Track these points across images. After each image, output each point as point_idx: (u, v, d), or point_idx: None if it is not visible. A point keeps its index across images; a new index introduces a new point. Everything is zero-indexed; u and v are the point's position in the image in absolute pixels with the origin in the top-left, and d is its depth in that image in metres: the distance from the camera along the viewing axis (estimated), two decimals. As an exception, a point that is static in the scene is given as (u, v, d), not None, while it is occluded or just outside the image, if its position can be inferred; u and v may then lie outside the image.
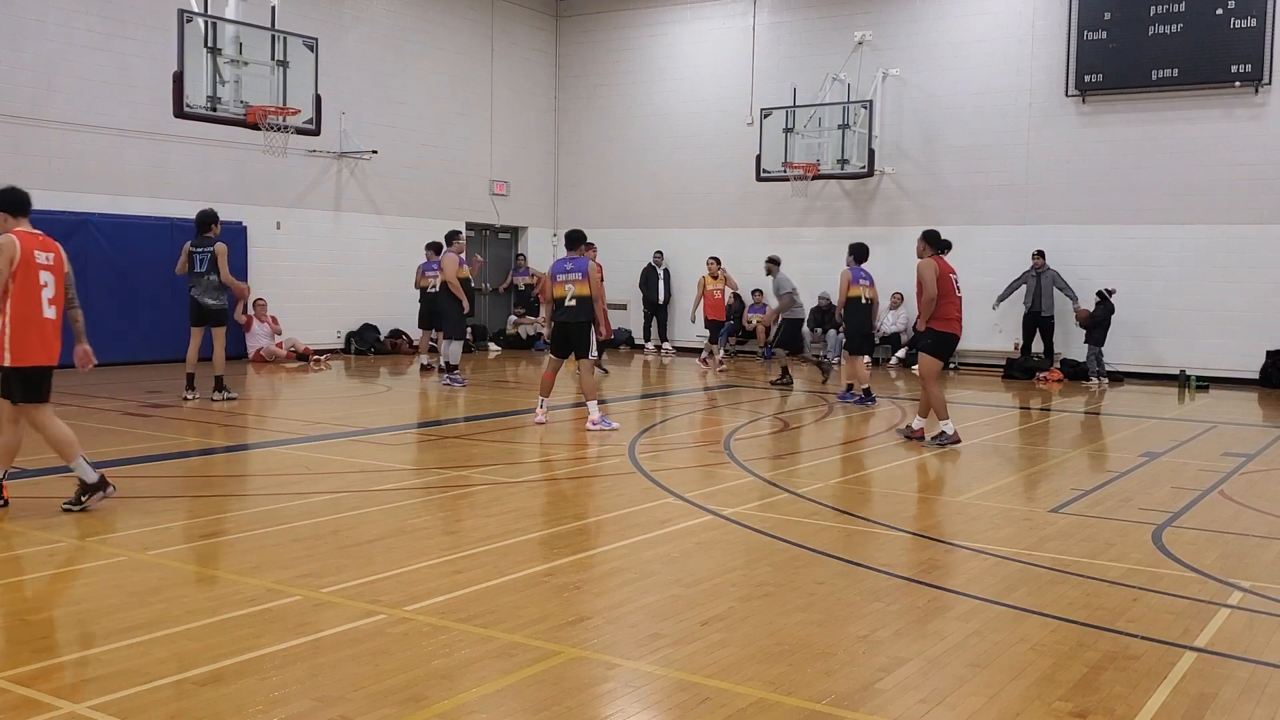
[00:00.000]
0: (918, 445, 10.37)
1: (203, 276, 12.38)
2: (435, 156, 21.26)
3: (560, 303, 11.07)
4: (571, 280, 11.01)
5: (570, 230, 11.54)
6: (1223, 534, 6.96)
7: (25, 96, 15.38)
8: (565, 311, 11.05)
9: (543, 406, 11.25)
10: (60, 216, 15.22)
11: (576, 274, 11.02)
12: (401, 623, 4.83)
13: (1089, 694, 4.17)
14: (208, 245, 12.42)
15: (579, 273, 11.02)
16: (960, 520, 7.24)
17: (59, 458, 7.02)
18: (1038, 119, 18.85)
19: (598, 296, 11.15)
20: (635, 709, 4.02)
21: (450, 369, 14.77)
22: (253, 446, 10.28)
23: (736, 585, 5.57)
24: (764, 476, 8.59)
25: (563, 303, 11.04)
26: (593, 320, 11.20)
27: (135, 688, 4.02)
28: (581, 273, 11.01)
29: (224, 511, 7.24)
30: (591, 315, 11.10)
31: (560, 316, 11.10)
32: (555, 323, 11.22)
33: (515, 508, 7.44)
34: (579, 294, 10.98)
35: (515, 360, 19.81)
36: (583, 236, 11.43)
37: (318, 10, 18.64)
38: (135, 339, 16.29)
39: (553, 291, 11.18)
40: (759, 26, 21.51)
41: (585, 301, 11.02)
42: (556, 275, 11.16)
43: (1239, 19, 17.21)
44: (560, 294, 11.05)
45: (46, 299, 6.98)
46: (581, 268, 11.03)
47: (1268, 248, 17.10)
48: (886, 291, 20.19)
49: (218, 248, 12.39)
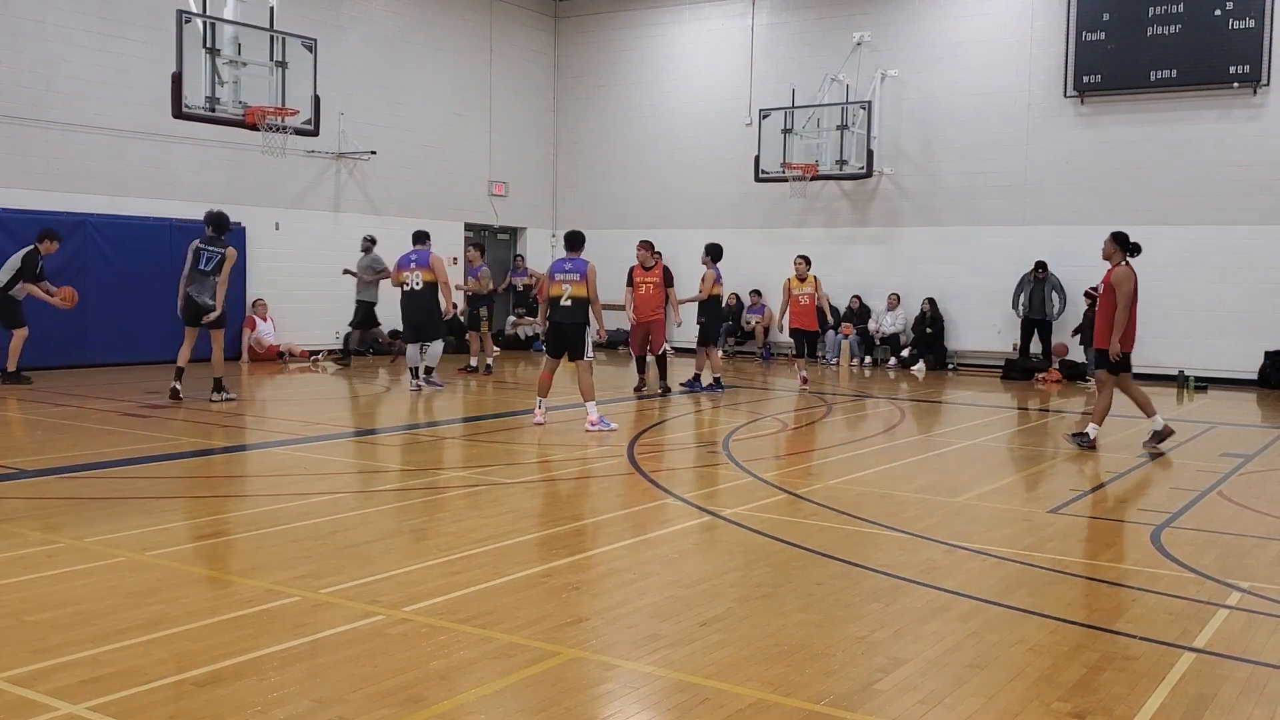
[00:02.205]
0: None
1: (206, 276, 12.28)
2: (434, 157, 21.26)
3: (556, 302, 11.07)
4: (569, 280, 11.01)
5: (570, 231, 11.55)
6: (1221, 534, 6.96)
7: (24, 97, 15.38)
8: (561, 311, 11.06)
9: (541, 407, 11.25)
10: (59, 217, 15.23)
11: (575, 274, 11.03)
12: (400, 623, 4.82)
13: (1088, 695, 4.18)
14: (217, 246, 12.35)
15: (577, 273, 11.03)
16: (959, 521, 7.24)
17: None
18: (1036, 120, 18.87)
19: (594, 299, 11.12)
20: (634, 710, 4.02)
21: (429, 371, 14.37)
22: (251, 447, 10.28)
23: (735, 586, 5.57)
24: (762, 477, 8.59)
25: (558, 302, 11.04)
26: (588, 322, 11.16)
27: (134, 688, 4.01)
28: (580, 274, 11.02)
29: (223, 512, 7.24)
30: (588, 317, 11.10)
31: (556, 317, 11.11)
32: (550, 323, 11.23)
33: (514, 508, 7.43)
34: (575, 295, 10.98)
35: (514, 361, 19.80)
36: (582, 237, 11.45)
37: (316, 11, 18.64)
38: (134, 339, 16.28)
39: (549, 290, 11.19)
40: (758, 27, 21.52)
41: (581, 303, 11.02)
42: (554, 274, 11.17)
43: (1237, 20, 17.22)
44: (557, 293, 11.06)
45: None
46: (580, 269, 11.04)
47: (1266, 248, 17.11)
48: (884, 292, 20.25)
49: (229, 252, 12.35)
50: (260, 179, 18.08)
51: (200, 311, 12.31)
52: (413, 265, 14.19)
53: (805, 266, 15.54)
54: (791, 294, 15.50)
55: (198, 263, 12.32)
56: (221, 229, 12.51)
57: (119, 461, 8.77)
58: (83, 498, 7.49)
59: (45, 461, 8.68)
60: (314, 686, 4.09)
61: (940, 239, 19.75)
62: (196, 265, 12.32)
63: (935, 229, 19.86)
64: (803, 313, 15.44)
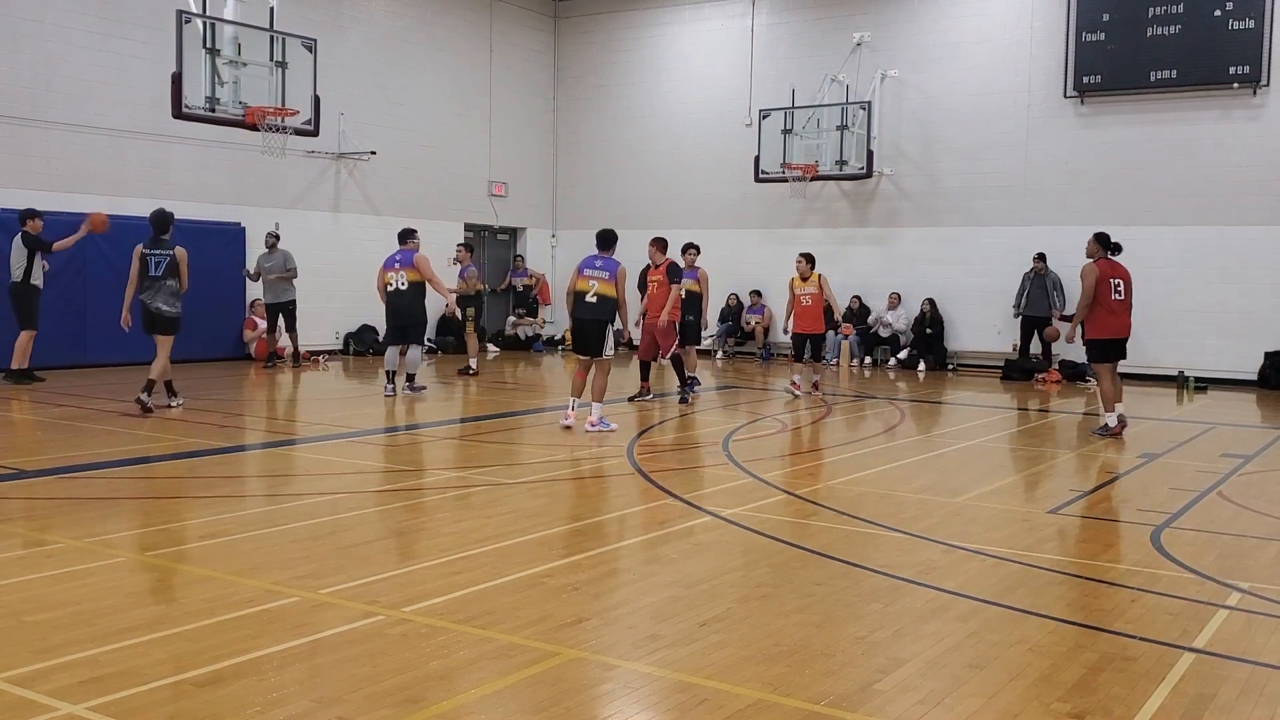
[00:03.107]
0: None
1: (158, 281, 11.54)
2: (434, 157, 21.26)
3: (581, 297, 10.94)
4: (597, 278, 10.92)
5: (602, 230, 11.33)
6: (1221, 535, 6.96)
7: (24, 97, 15.38)
8: (584, 308, 10.93)
9: (573, 408, 11.08)
10: (59, 217, 15.21)
11: (604, 273, 10.94)
12: (400, 624, 4.83)
13: (1087, 695, 4.18)
14: (163, 248, 11.65)
15: (607, 272, 10.94)
16: (959, 521, 7.24)
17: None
18: (1036, 120, 18.87)
19: (622, 301, 11.00)
20: (634, 710, 4.02)
21: (410, 378, 13.85)
22: (251, 447, 10.28)
23: (735, 586, 5.57)
24: (762, 477, 8.59)
25: (583, 298, 10.92)
26: (611, 320, 11.03)
27: (133, 689, 4.02)
28: (610, 273, 10.93)
29: (222, 512, 7.23)
30: (612, 315, 10.98)
31: (578, 312, 10.98)
32: (573, 318, 11.10)
33: (514, 509, 7.43)
34: (602, 292, 10.88)
35: (514, 361, 19.81)
36: (614, 237, 11.30)
37: (316, 11, 18.64)
38: (134, 339, 16.15)
39: (574, 284, 11.05)
40: (758, 27, 21.51)
41: (606, 301, 10.91)
42: (583, 270, 11.02)
43: (1237, 20, 17.22)
44: (583, 288, 10.92)
45: None
46: (611, 269, 10.94)
47: (1266, 249, 17.11)
48: (884, 291, 20.25)
49: (178, 252, 11.66)
50: (260, 179, 18.08)
51: (155, 320, 11.62)
52: (397, 265, 13.54)
53: (807, 265, 14.48)
54: (795, 294, 14.56)
55: (146, 269, 11.60)
56: (164, 229, 11.74)
57: (119, 461, 8.77)
58: (83, 498, 7.49)
59: (45, 461, 8.69)
60: (314, 687, 4.10)
61: (940, 239, 19.75)
62: (146, 272, 11.60)
63: (935, 229, 19.85)
64: (805, 314, 14.40)
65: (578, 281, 11.02)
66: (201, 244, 16.99)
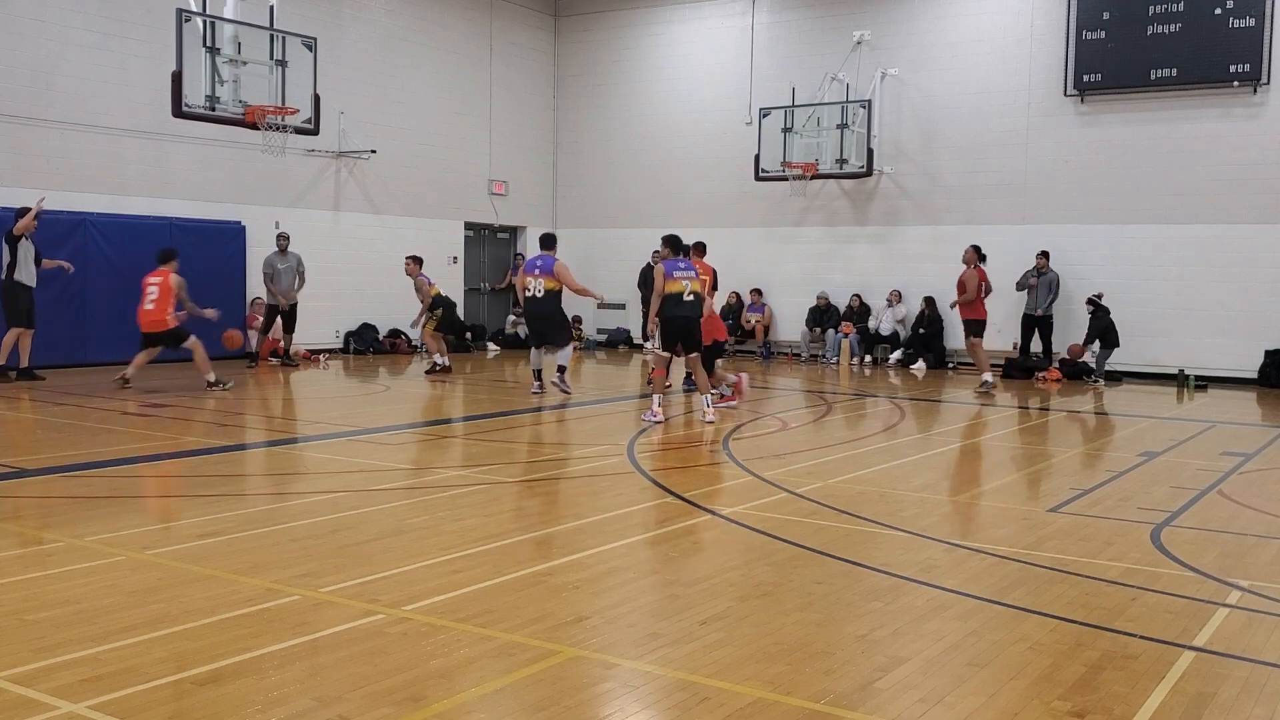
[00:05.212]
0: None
1: None
2: (434, 156, 21.26)
3: (679, 298, 11.65)
4: (687, 278, 11.72)
5: (669, 234, 12.19)
6: (1221, 533, 6.96)
7: (24, 96, 15.38)
8: (685, 306, 11.67)
9: (658, 404, 11.60)
10: (59, 216, 15.24)
11: (691, 272, 11.80)
12: (400, 622, 4.83)
13: (1087, 693, 4.18)
14: None
15: (693, 272, 11.85)
16: (959, 520, 7.23)
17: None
18: (1036, 118, 18.87)
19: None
20: (634, 709, 4.02)
21: (561, 370, 13.92)
22: (251, 446, 10.28)
23: (735, 585, 5.56)
24: (762, 476, 8.59)
25: (680, 298, 11.64)
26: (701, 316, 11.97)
27: (134, 687, 4.01)
28: (695, 274, 11.87)
29: (222, 511, 7.23)
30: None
31: (680, 311, 11.67)
32: (673, 317, 11.70)
33: (514, 507, 7.43)
34: (695, 290, 11.76)
35: (514, 360, 19.81)
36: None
37: (316, 10, 18.64)
38: (134, 339, 16.21)
39: (667, 287, 11.67)
40: (758, 26, 21.51)
41: (700, 299, 11.88)
42: (672, 273, 11.72)
43: (1237, 19, 17.22)
44: (678, 290, 11.65)
45: None
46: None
47: (1266, 247, 17.11)
48: (883, 290, 20.26)
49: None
50: (260, 178, 18.08)
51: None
52: (537, 271, 13.61)
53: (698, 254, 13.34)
54: None
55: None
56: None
57: (119, 461, 8.77)
58: (83, 497, 7.49)
59: (45, 460, 8.69)
60: (314, 685, 4.09)
61: (940, 238, 19.74)
62: None
63: (935, 228, 19.85)
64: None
65: (669, 284, 11.77)
66: (201, 243, 17.03)
